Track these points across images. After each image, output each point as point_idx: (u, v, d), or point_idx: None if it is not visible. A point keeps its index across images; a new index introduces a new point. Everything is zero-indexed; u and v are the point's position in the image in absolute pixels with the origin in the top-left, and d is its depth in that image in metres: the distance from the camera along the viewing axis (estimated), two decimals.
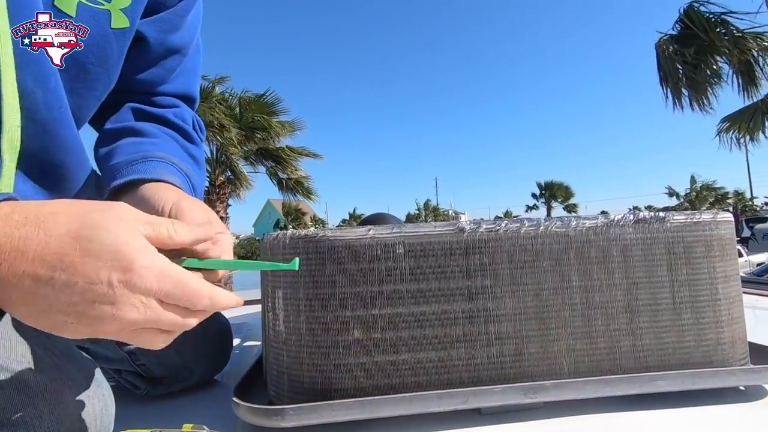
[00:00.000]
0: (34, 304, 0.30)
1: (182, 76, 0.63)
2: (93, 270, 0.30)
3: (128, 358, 0.65)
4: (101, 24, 0.48)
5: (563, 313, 0.50)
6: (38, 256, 0.29)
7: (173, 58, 0.60)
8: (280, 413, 0.44)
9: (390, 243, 0.48)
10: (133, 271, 0.30)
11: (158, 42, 0.57)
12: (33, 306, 0.30)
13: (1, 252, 0.29)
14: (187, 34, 0.60)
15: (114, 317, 0.30)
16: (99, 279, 0.30)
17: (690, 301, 0.51)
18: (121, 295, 0.30)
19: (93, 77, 0.50)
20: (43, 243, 0.30)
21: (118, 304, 0.30)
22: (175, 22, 0.58)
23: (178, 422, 0.46)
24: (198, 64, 0.66)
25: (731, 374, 0.50)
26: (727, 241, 0.53)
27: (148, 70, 0.59)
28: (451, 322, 0.49)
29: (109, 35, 0.49)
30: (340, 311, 0.48)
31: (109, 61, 0.51)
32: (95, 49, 0.49)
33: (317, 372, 0.48)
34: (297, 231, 0.50)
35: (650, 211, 0.53)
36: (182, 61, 0.62)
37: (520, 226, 0.50)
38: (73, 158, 0.52)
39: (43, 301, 0.30)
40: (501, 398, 0.47)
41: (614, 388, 0.48)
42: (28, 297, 0.30)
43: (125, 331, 0.32)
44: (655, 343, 0.51)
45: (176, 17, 0.58)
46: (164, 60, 0.59)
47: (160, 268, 0.32)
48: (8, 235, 0.29)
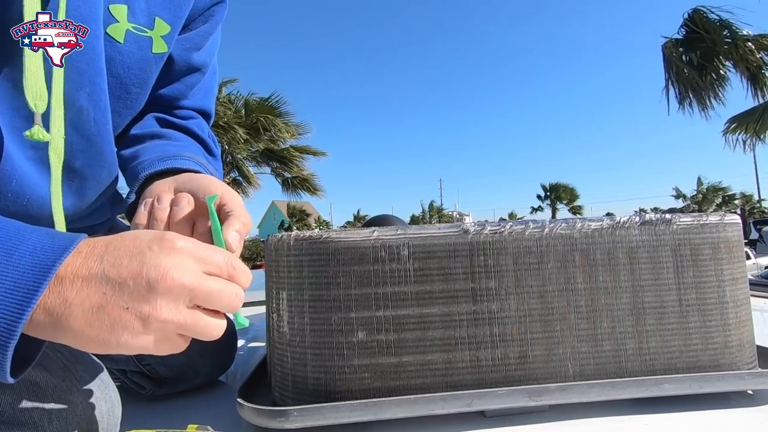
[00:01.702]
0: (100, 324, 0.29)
1: (200, 93, 0.67)
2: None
3: (133, 358, 0.66)
4: (144, 49, 0.53)
5: (568, 316, 0.50)
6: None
7: (194, 76, 0.64)
8: (284, 414, 0.44)
9: (394, 245, 0.48)
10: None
11: (183, 60, 0.61)
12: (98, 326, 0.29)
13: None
14: (207, 54, 0.65)
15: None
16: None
17: (697, 304, 0.51)
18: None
19: (133, 97, 0.55)
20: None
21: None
22: (198, 42, 0.62)
23: (183, 423, 0.46)
24: (214, 85, 0.71)
25: (739, 378, 0.49)
26: (735, 243, 0.53)
27: (171, 85, 0.63)
28: (456, 324, 0.48)
29: (150, 60, 0.54)
30: (345, 313, 0.48)
31: (148, 83, 0.56)
32: (138, 71, 0.53)
33: (321, 373, 0.48)
34: (301, 232, 0.50)
35: (656, 212, 0.53)
36: (201, 80, 0.66)
37: (525, 228, 0.50)
38: (106, 172, 0.56)
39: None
40: (505, 401, 0.47)
41: (620, 391, 0.48)
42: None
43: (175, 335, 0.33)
44: (662, 346, 0.50)
45: (199, 38, 0.62)
46: (186, 77, 0.64)
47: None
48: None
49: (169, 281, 0.30)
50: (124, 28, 0.50)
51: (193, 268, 0.32)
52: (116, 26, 0.50)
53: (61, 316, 0.29)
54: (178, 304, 0.31)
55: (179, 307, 0.31)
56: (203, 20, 0.62)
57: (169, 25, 0.55)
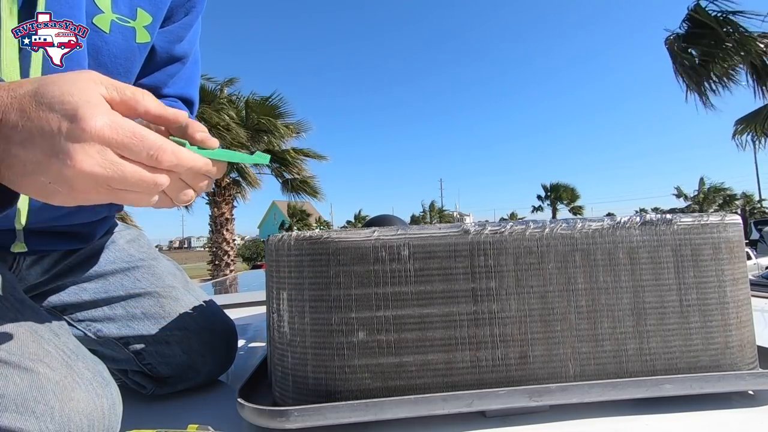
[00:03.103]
0: (14, 167, 0.31)
1: (181, 81, 0.68)
2: (45, 121, 0.31)
3: (134, 358, 0.66)
4: (128, 39, 0.54)
5: (569, 316, 0.50)
6: (4, 117, 0.31)
7: (174, 66, 0.66)
8: (285, 414, 0.45)
9: (395, 245, 0.48)
10: (79, 119, 0.31)
11: (164, 51, 0.63)
12: (14, 170, 0.32)
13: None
14: (188, 45, 0.67)
15: (75, 169, 0.31)
16: (50, 129, 0.31)
17: (697, 305, 0.51)
18: (73, 146, 0.31)
19: None
20: (7, 104, 0.31)
21: (72, 155, 0.31)
22: (180, 34, 0.64)
23: (184, 422, 0.47)
24: (196, 73, 0.72)
25: (740, 378, 0.49)
26: (736, 243, 0.52)
27: (153, 75, 0.64)
28: (456, 324, 0.48)
29: (134, 49, 0.55)
30: (345, 313, 0.48)
31: (132, 72, 0.57)
32: (123, 61, 0.55)
33: (322, 373, 0.48)
34: (302, 232, 0.50)
35: (657, 213, 0.53)
36: (181, 69, 0.68)
37: (525, 228, 0.50)
38: None
39: (19, 164, 0.31)
40: (506, 401, 0.47)
41: (620, 391, 0.48)
42: (9, 161, 0.31)
43: (103, 189, 0.33)
44: (662, 346, 0.50)
45: (181, 30, 0.64)
46: (167, 67, 0.65)
47: (112, 120, 0.32)
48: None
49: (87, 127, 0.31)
50: (109, 18, 0.51)
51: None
52: (102, 17, 0.51)
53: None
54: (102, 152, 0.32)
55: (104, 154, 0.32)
56: (185, 12, 0.64)
57: (150, 15, 0.56)
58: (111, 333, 0.65)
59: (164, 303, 0.68)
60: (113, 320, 0.66)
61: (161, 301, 0.68)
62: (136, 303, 0.67)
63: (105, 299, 0.66)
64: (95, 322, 0.65)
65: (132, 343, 0.65)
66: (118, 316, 0.66)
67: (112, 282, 0.67)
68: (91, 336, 0.65)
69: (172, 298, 0.69)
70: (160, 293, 0.68)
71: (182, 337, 0.66)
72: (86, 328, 0.65)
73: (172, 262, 0.78)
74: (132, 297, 0.67)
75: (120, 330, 0.65)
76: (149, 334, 0.65)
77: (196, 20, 0.66)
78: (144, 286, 0.68)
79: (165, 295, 0.68)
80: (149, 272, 0.70)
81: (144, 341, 0.65)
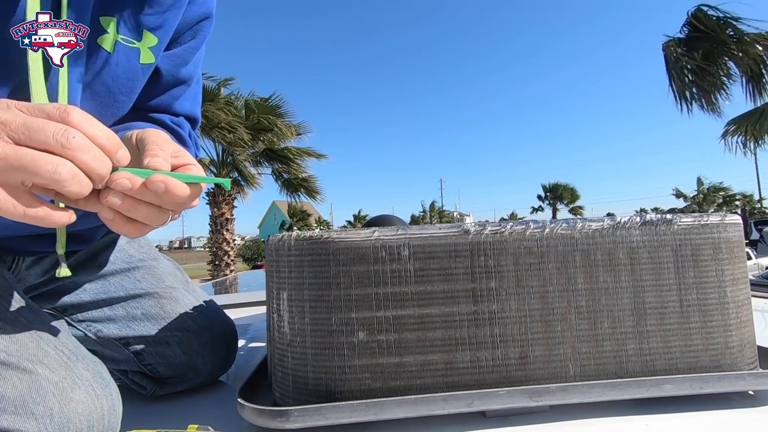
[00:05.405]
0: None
1: (186, 102, 0.68)
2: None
3: (134, 359, 0.66)
4: (132, 60, 0.54)
5: (569, 316, 0.50)
6: None
7: (179, 88, 0.66)
8: (285, 414, 0.45)
9: (395, 245, 0.48)
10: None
11: (170, 74, 0.62)
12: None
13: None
14: (193, 68, 0.67)
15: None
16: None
17: (698, 305, 0.51)
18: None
19: (118, 104, 0.56)
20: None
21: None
22: (186, 57, 0.64)
23: (184, 422, 0.47)
24: (199, 94, 0.72)
25: (740, 378, 0.49)
26: (736, 243, 0.52)
27: (158, 97, 0.64)
28: (456, 324, 0.48)
29: (137, 69, 0.55)
30: (345, 313, 0.48)
31: (134, 91, 0.57)
32: (125, 81, 0.55)
33: (322, 373, 0.48)
34: (302, 232, 0.50)
35: (657, 213, 0.53)
36: (186, 91, 0.68)
37: (525, 228, 0.50)
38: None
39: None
40: (506, 401, 0.47)
41: (620, 391, 0.48)
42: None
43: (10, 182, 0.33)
44: (662, 346, 0.50)
45: (187, 53, 0.64)
46: (172, 89, 0.65)
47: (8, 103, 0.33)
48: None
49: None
50: (113, 38, 0.52)
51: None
52: (105, 37, 0.51)
53: None
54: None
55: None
56: (191, 35, 0.64)
57: (156, 38, 0.56)
58: (111, 333, 0.65)
59: (164, 303, 0.68)
60: (113, 321, 0.66)
61: (161, 301, 0.68)
62: (137, 303, 0.67)
63: (105, 300, 0.66)
64: (95, 322, 0.65)
65: (132, 343, 0.65)
66: (119, 316, 0.66)
67: (112, 282, 0.67)
68: (91, 336, 0.65)
69: (173, 299, 0.69)
70: (161, 294, 0.68)
71: (182, 338, 0.66)
72: (86, 328, 0.65)
73: (173, 262, 0.78)
74: (132, 297, 0.67)
75: (120, 330, 0.65)
76: (149, 334, 0.65)
77: (202, 44, 0.66)
78: (144, 286, 0.68)
79: (165, 296, 0.68)
80: (149, 273, 0.70)
81: (144, 342, 0.65)
